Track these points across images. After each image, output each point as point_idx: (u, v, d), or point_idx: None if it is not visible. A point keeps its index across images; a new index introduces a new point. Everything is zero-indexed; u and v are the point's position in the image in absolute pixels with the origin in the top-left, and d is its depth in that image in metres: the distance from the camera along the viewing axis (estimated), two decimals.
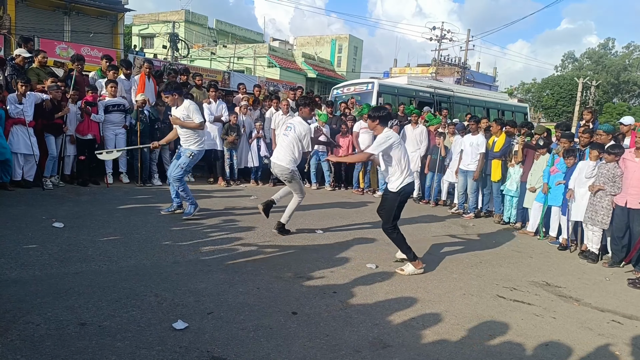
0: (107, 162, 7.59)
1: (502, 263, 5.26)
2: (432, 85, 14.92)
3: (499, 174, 7.34)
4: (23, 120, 6.45)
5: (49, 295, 3.24)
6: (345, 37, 47.21)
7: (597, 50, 48.71)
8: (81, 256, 4.12)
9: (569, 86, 40.80)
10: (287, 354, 2.79)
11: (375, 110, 4.66)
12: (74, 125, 7.13)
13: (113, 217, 5.54)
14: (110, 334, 2.80)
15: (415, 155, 8.79)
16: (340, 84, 15.73)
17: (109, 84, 7.59)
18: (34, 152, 6.59)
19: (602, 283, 4.93)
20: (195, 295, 3.50)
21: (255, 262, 4.41)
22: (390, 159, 4.56)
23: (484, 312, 3.73)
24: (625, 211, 5.39)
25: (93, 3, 20.41)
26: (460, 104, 15.27)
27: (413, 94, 14.02)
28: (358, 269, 4.51)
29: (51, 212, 5.43)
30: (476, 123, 7.79)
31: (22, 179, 6.62)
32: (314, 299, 3.64)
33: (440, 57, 36.96)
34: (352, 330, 3.17)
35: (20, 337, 2.67)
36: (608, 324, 3.80)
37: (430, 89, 14.61)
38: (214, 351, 2.73)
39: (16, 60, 7.12)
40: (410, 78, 15.35)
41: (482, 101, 16.40)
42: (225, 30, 40.97)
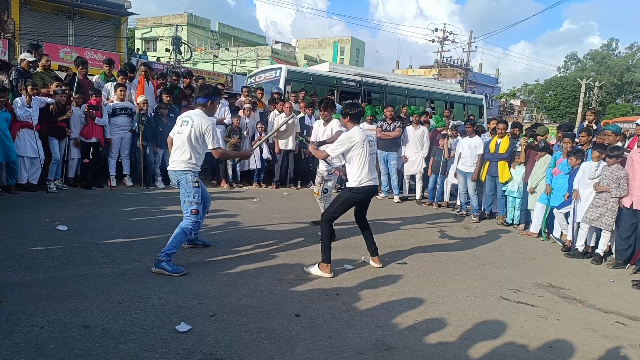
0: (110, 165, 7.63)
1: (506, 265, 5.24)
2: (360, 74, 13.18)
3: (507, 174, 7.32)
4: (30, 123, 6.50)
5: (52, 298, 3.25)
6: (348, 40, 47.31)
7: (600, 51, 48.60)
8: (85, 259, 4.13)
9: (572, 87, 40.70)
10: (290, 356, 2.79)
11: (346, 106, 4.55)
12: (78, 129, 7.16)
13: (116, 220, 5.56)
14: (113, 336, 2.81)
15: (418, 156, 8.79)
16: (254, 71, 14.53)
17: (118, 87, 7.63)
18: (40, 156, 6.63)
19: (606, 284, 4.91)
20: (199, 297, 3.50)
21: (257, 264, 4.41)
22: (351, 159, 4.41)
23: (488, 313, 3.72)
24: (631, 212, 5.38)
25: (96, 7, 20.53)
26: (396, 95, 13.66)
27: (334, 83, 12.40)
28: (361, 270, 4.50)
29: (55, 215, 5.45)
30: (472, 126, 7.80)
31: (27, 182, 6.66)
32: (316, 301, 3.64)
33: (442, 59, 36.94)
34: (355, 332, 3.16)
35: (24, 339, 2.68)
36: (612, 325, 3.79)
37: (356, 78, 12.89)
38: (217, 353, 2.73)
39: (21, 64, 7.16)
40: (332, 65, 13.50)
41: (425, 92, 14.63)
42: (227, 33, 41.12)
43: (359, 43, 49.20)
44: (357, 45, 48.38)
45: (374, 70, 15.66)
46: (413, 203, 8.86)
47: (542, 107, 44.62)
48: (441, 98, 14.93)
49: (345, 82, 12.59)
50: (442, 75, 38.88)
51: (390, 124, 8.73)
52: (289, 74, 11.67)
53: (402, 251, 5.33)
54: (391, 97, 13.24)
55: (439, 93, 15.07)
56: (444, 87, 16.10)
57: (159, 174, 8.06)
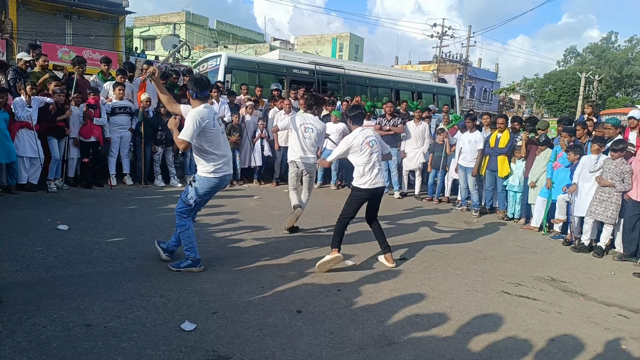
0: (110, 164, 7.62)
1: (507, 259, 5.24)
2: (314, 62, 12.32)
3: (507, 169, 7.32)
4: (30, 124, 6.49)
5: (54, 297, 3.25)
6: (346, 36, 47.20)
7: (600, 45, 48.45)
8: (86, 258, 4.13)
9: (571, 81, 40.60)
10: (293, 352, 2.79)
11: (349, 109, 4.77)
12: (77, 128, 7.15)
13: (117, 218, 5.56)
14: (116, 334, 2.81)
15: (418, 152, 8.79)
16: (198, 60, 13.67)
17: (117, 86, 7.62)
18: (40, 156, 6.63)
19: (607, 277, 4.91)
20: (200, 295, 3.51)
21: (258, 261, 4.41)
22: (352, 160, 4.57)
23: (489, 308, 3.73)
24: (636, 204, 5.40)
25: (94, 6, 20.46)
26: (355, 84, 12.74)
27: (284, 71, 11.55)
28: (362, 266, 4.50)
29: (56, 215, 5.45)
30: (472, 121, 7.78)
31: (27, 182, 6.66)
32: (318, 297, 3.64)
33: (441, 54, 36.86)
34: (357, 327, 3.17)
35: (26, 338, 2.68)
36: (614, 318, 3.79)
37: (309, 66, 12.01)
38: (220, 350, 2.74)
39: (18, 64, 7.15)
40: (283, 52, 12.73)
41: (388, 81, 13.65)
42: (226, 31, 41.00)
43: (358, 39, 49.10)
44: (355, 41, 48.27)
45: (332, 59, 15.07)
46: (412, 198, 8.86)
47: (541, 101, 44.54)
48: (407, 88, 14.06)
49: (297, 71, 11.71)
50: (442, 71, 38.83)
51: (390, 120, 8.71)
52: (230, 62, 10.75)
53: (402, 246, 5.33)
54: (349, 87, 12.45)
55: (405, 83, 14.15)
56: (411, 76, 15.32)
57: (159, 172, 8.05)
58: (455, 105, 15.20)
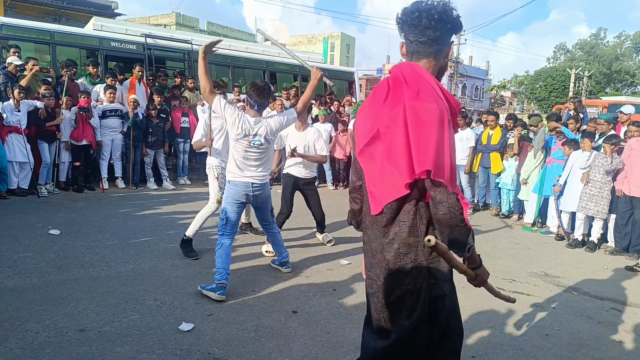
0: (102, 167, 7.56)
1: (500, 255, 5.27)
2: (146, 34, 9.81)
3: (499, 166, 7.35)
4: (18, 128, 6.43)
5: (47, 303, 3.22)
6: (338, 35, 47.26)
7: (589, 41, 48.87)
8: (79, 262, 4.10)
9: (561, 77, 40.90)
10: (289, 352, 2.78)
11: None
12: (68, 132, 7.09)
13: (110, 222, 5.52)
14: (110, 339, 2.79)
15: None
16: None
17: (107, 89, 7.57)
18: (29, 160, 6.56)
19: (600, 272, 4.95)
20: (195, 297, 3.49)
21: (253, 262, 4.40)
22: None
23: (484, 304, 3.74)
24: (628, 199, 5.45)
25: (83, 9, 20.28)
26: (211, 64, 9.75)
27: (96, 44, 9.16)
28: (357, 266, 4.50)
29: (47, 220, 5.40)
30: (464, 118, 7.82)
31: (18, 187, 6.59)
32: (313, 298, 3.64)
33: None
34: (353, 327, 3.16)
35: (19, 345, 2.65)
36: (607, 311, 3.82)
37: (139, 39, 9.63)
38: (215, 352, 2.72)
39: (9, 68, 7.06)
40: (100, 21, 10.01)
41: (260, 61, 11.44)
42: (216, 31, 40.79)
43: (349, 39, 49.17)
44: (347, 40, 48.35)
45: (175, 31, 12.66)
46: None
47: (532, 97, 44.85)
48: (289, 70, 11.96)
49: (117, 44, 9.36)
50: None
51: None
52: (4, 30, 8.14)
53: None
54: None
55: (284, 64, 11.86)
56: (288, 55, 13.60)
57: (151, 175, 8.01)
58: (354, 91, 13.28)
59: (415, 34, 1.55)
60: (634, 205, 5.43)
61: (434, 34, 1.53)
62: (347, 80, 13.51)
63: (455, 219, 1.43)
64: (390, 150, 1.48)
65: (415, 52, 1.58)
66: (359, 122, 1.66)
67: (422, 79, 1.51)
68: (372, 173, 1.58)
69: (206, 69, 3.51)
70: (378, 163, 1.54)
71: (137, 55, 9.54)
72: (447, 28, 1.54)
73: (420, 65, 1.56)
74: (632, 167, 5.46)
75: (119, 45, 9.42)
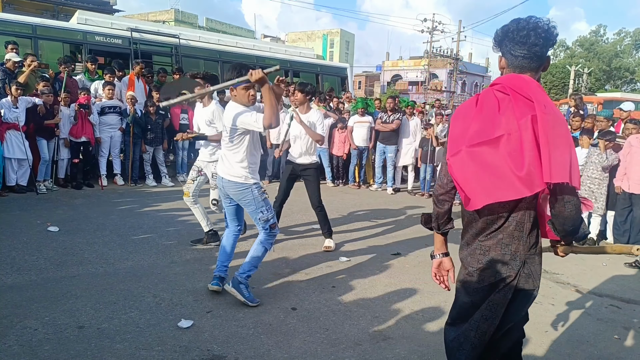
0: (101, 164, 7.55)
1: None
2: (132, 28, 9.60)
3: None
4: (17, 125, 6.41)
5: (46, 300, 3.21)
6: (337, 32, 47.19)
7: (589, 38, 48.84)
8: (77, 259, 4.09)
9: (561, 74, 40.91)
10: (288, 349, 2.78)
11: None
12: (67, 128, 7.07)
13: (108, 219, 5.51)
14: (109, 336, 2.79)
15: (410, 147, 8.80)
16: None
17: (106, 86, 7.55)
18: (28, 157, 6.55)
19: (599, 268, 4.95)
20: (194, 294, 3.48)
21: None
22: None
23: None
24: (627, 196, 5.45)
25: (81, 5, 20.21)
26: (199, 59, 10.58)
27: (79, 38, 8.99)
28: (356, 262, 4.50)
29: (46, 217, 5.39)
30: None
31: (16, 184, 6.57)
32: (312, 294, 3.64)
33: (432, 49, 36.93)
34: (352, 323, 3.16)
35: (18, 342, 2.65)
36: (606, 308, 3.82)
37: (124, 33, 9.44)
38: (214, 349, 2.72)
39: (7, 64, 7.04)
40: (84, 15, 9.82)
41: (250, 56, 11.02)
42: (215, 28, 40.70)
43: (349, 35, 49.09)
44: (346, 37, 48.28)
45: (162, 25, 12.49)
46: (406, 194, 8.88)
47: None
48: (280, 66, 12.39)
49: (101, 39, 9.14)
50: (433, 66, 38.93)
51: (390, 115, 8.71)
52: None
53: (396, 242, 5.34)
54: (189, 62, 10.14)
55: (275, 59, 11.43)
56: (287, 51, 12.69)
57: (150, 171, 8.00)
58: (346, 87, 13.03)
59: (523, 50, 1.69)
60: (633, 202, 5.44)
61: (540, 50, 1.69)
62: (340, 76, 13.31)
63: (579, 214, 1.67)
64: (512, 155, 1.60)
65: (519, 66, 1.72)
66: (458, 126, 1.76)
67: (542, 92, 1.66)
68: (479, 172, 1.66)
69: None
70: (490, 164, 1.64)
71: (123, 50, 9.37)
72: (550, 45, 1.70)
73: (531, 78, 1.69)
74: (631, 164, 5.46)
75: (104, 40, 9.20)
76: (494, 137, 1.63)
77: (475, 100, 1.76)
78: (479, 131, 1.67)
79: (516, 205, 1.70)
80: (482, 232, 1.78)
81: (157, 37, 9.99)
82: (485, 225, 1.76)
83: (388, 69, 46.11)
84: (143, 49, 9.66)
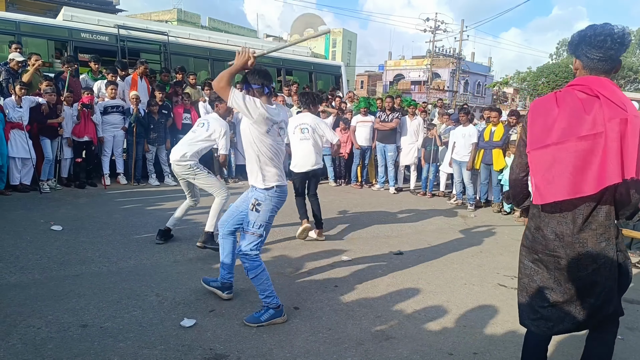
0: (104, 163, 7.57)
1: (502, 252, 5.26)
2: (119, 24, 9.44)
3: (502, 162, 7.33)
4: (21, 124, 6.43)
5: (49, 298, 3.23)
6: (339, 31, 47.14)
7: None
8: (80, 258, 4.10)
9: (564, 74, 40.73)
10: (290, 348, 2.78)
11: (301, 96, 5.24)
12: (70, 128, 7.09)
13: (112, 218, 5.53)
14: (112, 335, 2.80)
15: (413, 147, 8.79)
16: None
17: (109, 85, 7.57)
18: (31, 156, 6.57)
19: None
20: (196, 293, 3.49)
21: None
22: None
23: (486, 301, 3.74)
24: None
25: (84, 4, 20.25)
26: (188, 56, 10.37)
27: (65, 35, 8.80)
28: (358, 262, 4.50)
29: (49, 216, 5.41)
30: (466, 115, 7.80)
31: (20, 183, 6.60)
32: (315, 294, 3.64)
33: (434, 49, 36.87)
34: (355, 323, 3.17)
35: (21, 340, 2.66)
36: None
37: (111, 30, 9.28)
38: (217, 348, 2.73)
39: (10, 64, 7.06)
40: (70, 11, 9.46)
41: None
42: (218, 28, 40.72)
43: (351, 35, 49.05)
44: (349, 37, 48.24)
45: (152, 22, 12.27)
46: (408, 193, 8.87)
47: (535, 94, 44.68)
48: (271, 63, 11.31)
49: (87, 35, 8.95)
50: (435, 65, 38.86)
51: (389, 114, 8.70)
52: None
53: (398, 241, 5.34)
54: (178, 59, 9.91)
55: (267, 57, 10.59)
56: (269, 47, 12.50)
57: (153, 171, 8.02)
58: (341, 87, 12.79)
59: (599, 53, 1.87)
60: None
61: (615, 54, 1.86)
62: (334, 75, 13.07)
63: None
64: (595, 152, 1.79)
65: (595, 68, 1.90)
66: (540, 122, 1.92)
67: (627, 98, 1.83)
68: (565, 166, 1.84)
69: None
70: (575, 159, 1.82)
71: (110, 47, 9.21)
72: (623, 49, 1.86)
73: (616, 85, 1.88)
74: None
75: (90, 37, 9.00)
76: (581, 135, 1.80)
77: (554, 99, 1.93)
78: (565, 129, 1.83)
79: (601, 197, 1.89)
80: (574, 225, 1.95)
81: (145, 34, 9.77)
82: (576, 218, 1.95)
83: (390, 68, 46.06)
84: (131, 47, 9.47)
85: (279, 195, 3.13)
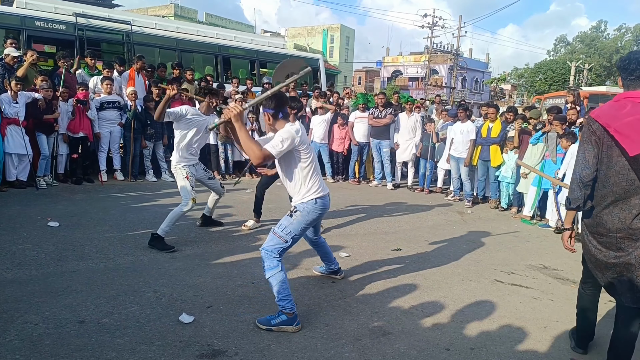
0: (100, 159, 7.55)
1: (499, 248, 5.28)
2: (78, 13, 8.82)
3: (499, 158, 7.34)
4: (17, 120, 6.40)
5: (46, 295, 3.22)
6: (337, 27, 47.00)
7: (589, 33, 48.65)
8: (77, 254, 4.10)
9: (561, 70, 40.76)
10: (288, 344, 2.79)
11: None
12: (65, 124, 7.06)
13: (108, 214, 5.51)
14: (109, 330, 2.80)
15: (410, 143, 8.79)
16: None
17: (104, 81, 7.53)
18: (28, 152, 6.55)
19: None
20: (194, 289, 3.49)
21: (252, 254, 4.39)
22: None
23: (483, 296, 3.75)
24: None
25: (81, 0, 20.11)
26: (153, 47, 9.87)
27: (17, 24, 8.20)
28: (356, 258, 4.51)
29: (46, 212, 5.40)
30: (464, 111, 7.80)
31: (16, 179, 6.57)
32: (312, 289, 3.64)
33: (432, 45, 36.82)
34: (352, 319, 3.17)
35: (18, 336, 2.66)
36: (605, 304, 3.82)
37: (70, 19, 8.69)
38: (215, 344, 2.73)
39: (6, 59, 7.02)
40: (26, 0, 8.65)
41: (212, 45, 10.54)
42: (215, 23, 40.50)
43: (349, 31, 48.91)
44: (346, 32, 48.10)
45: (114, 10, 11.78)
46: (405, 189, 8.88)
47: (532, 90, 44.73)
48: (244, 56, 11.05)
49: (42, 24, 8.39)
50: (433, 61, 38.83)
51: (382, 110, 8.69)
52: None
53: (396, 237, 5.35)
54: (142, 50, 9.30)
55: (239, 49, 11.04)
56: (253, 41, 11.78)
57: (150, 167, 8.00)
58: (320, 80, 12.35)
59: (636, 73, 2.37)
60: None
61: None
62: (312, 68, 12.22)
63: None
64: None
65: (632, 85, 2.40)
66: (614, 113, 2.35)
67: None
68: None
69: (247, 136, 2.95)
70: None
71: (67, 37, 8.69)
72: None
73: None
74: None
75: (45, 25, 8.45)
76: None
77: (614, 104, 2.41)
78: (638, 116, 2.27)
79: None
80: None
81: (107, 23, 9.29)
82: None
83: (388, 64, 46.01)
84: (90, 36, 8.96)
85: (318, 209, 3.22)
